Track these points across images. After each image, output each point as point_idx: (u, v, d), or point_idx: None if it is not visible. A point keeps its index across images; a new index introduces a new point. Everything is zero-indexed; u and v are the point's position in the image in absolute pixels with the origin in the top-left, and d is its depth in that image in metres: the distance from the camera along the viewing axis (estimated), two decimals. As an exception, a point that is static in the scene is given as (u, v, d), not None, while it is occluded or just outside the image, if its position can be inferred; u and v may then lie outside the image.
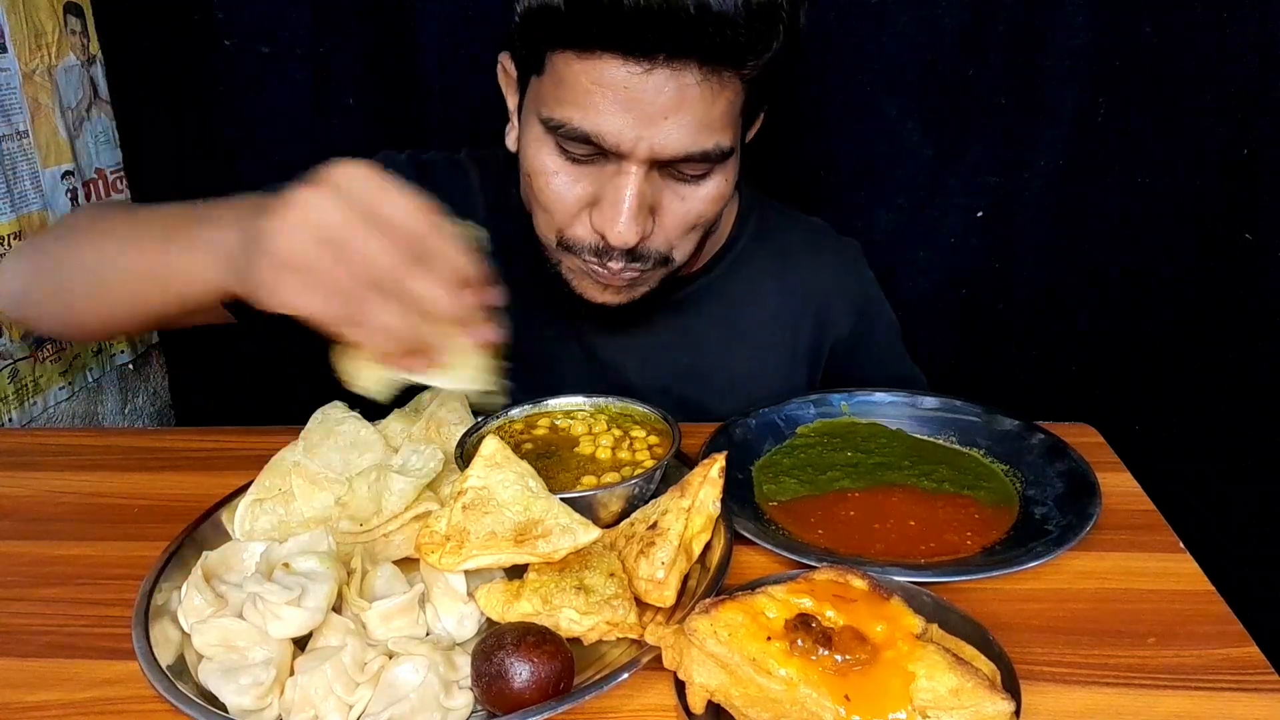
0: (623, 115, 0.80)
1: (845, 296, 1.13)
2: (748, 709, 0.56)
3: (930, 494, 0.83)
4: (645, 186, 0.85)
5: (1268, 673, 0.63)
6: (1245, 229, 1.33)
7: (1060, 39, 1.29)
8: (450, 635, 0.66)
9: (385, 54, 1.38)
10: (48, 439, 1.05)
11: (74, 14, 1.32)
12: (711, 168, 0.87)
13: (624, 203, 0.84)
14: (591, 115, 0.81)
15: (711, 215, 0.92)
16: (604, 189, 0.86)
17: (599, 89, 0.80)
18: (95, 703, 0.62)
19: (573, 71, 0.81)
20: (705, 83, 0.80)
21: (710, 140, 0.83)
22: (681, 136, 0.82)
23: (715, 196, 0.90)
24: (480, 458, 0.71)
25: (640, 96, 0.79)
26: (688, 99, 0.80)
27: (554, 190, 0.88)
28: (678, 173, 0.86)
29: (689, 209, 0.89)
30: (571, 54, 0.80)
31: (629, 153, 0.82)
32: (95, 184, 1.38)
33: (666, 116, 0.80)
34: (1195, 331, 1.40)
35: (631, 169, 0.83)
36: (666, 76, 0.79)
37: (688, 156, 0.84)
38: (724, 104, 0.83)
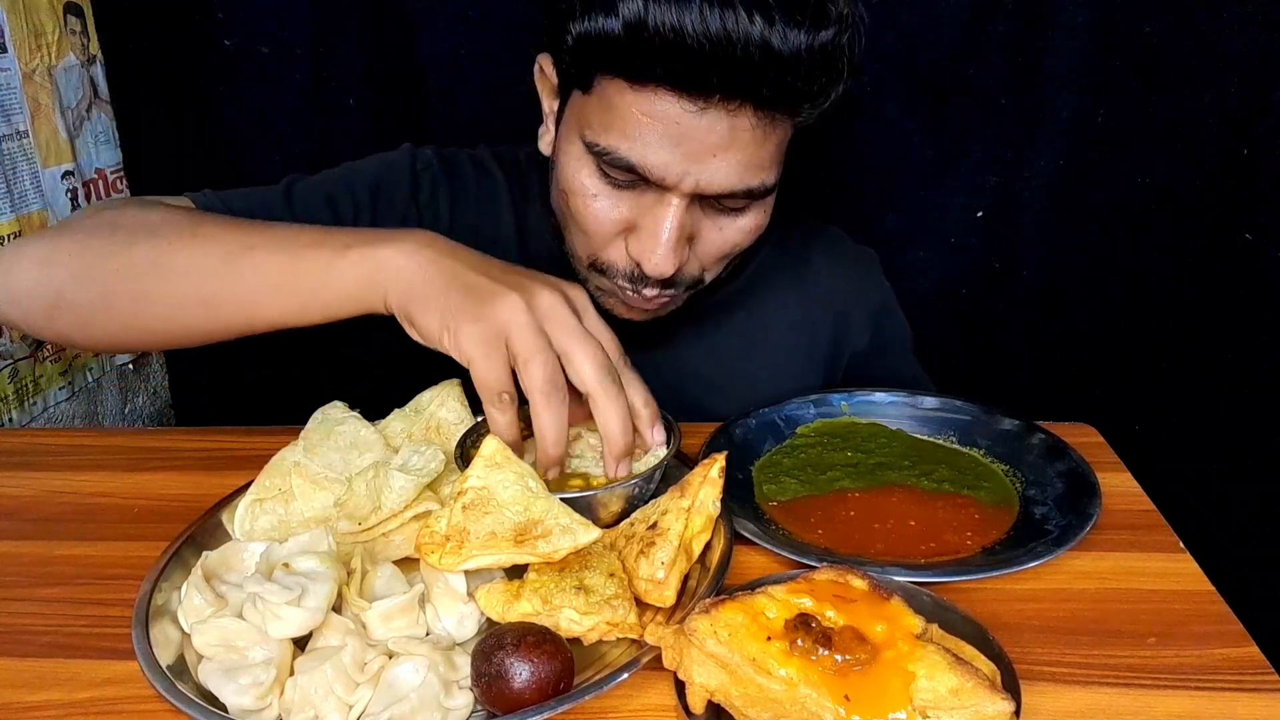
0: (671, 150, 0.79)
1: (863, 308, 1.13)
2: (748, 709, 0.56)
3: (930, 494, 0.83)
4: (686, 218, 0.83)
5: (1268, 673, 0.63)
6: (1245, 229, 1.33)
7: (1060, 39, 1.29)
8: (450, 635, 0.66)
9: (385, 54, 1.38)
10: (48, 439, 1.05)
11: (74, 14, 1.32)
12: (752, 202, 0.87)
13: (664, 234, 0.83)
14: (639, 147, 0.80)
15: (746, 245, 0.91)
16: (644, 217, 0.84)
17: (650, 121, 0.78)
18: (95, 703, 0.62)
19: (624, 101, 0.79)
20: (759, 125, 0.79)
21: (756, 179, 0.83)
22: (729, 174, 0.80)
23: (753, 228, 0.89)
24: (480, 458, 0.71)
25: (691, 133, 0.78)
26: (739, 139, 0.79)
27: (592, 213, 0.86)
28: (718, 204, 0.85)
29: (726, 239, 0.88)
30: (624, 82, 0.78)
31: (674, 186, 0.81)
32: (95, 184, 1.38)
33: (715, 155, 0.79)
34: (1195, 331, 1.40)
35: (674, 200, 0.82)
36: (720, 116, 0.77)
37: (732, 194, 0.83)
38: (774, 145, 0.82)
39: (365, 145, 1.40)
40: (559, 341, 0.72)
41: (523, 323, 0.72)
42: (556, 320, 0.73)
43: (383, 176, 1.03)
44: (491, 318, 0.72)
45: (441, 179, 1.05)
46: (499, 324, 0.72)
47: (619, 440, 0.74)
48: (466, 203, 1.05)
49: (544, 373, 0.71)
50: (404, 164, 1.05)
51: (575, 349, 0.72)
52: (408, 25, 1.36)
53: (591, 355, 0.72)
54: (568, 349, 0.72)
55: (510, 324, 0.71)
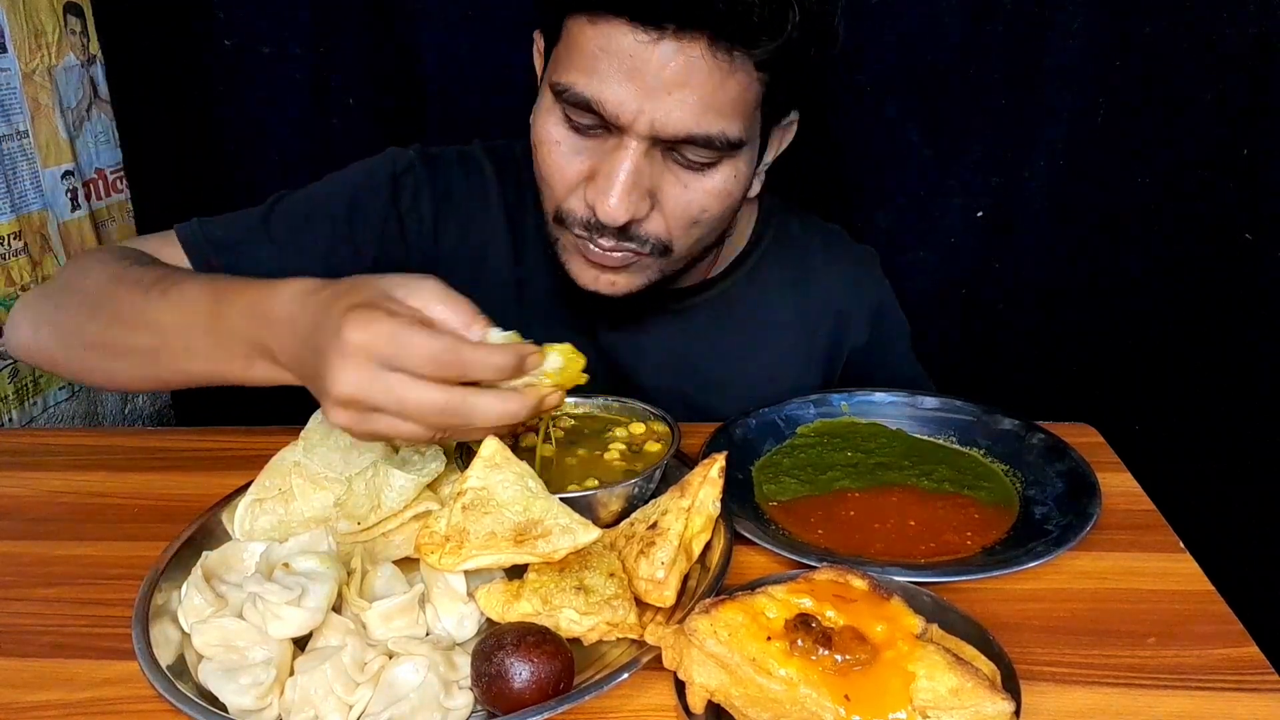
0: (626, 84, 0.79)
1: (862, 306, 1.12)
2: (748, 709, 0.56)
3: (930, 494, 0.83)
4: (644, 164, 0.83)
5: (1268, 673, 0.63)
6: (1245, 229, 1.33)
7: (1060, 39, 1.29)
8: (450, 635, 0.66)
9: (385, 54, 1.38)
10: (48, 439, 1.05)
11: (74, 14, 1.32)
12: (719, 158, 0.85)
13: (617, 175, 0.82)
14: (595, 81, 0.80)
15: (716, 212, 0.89)
16: (602, 163, 0.84)
17: (605, 55, 0.79)
18: (95, 703, 0.62)
19: (585, 37, 0.80)
20: (715, 61, 0.78)
21: (716, 124, 0.81)
22: (684, 115, 0.80)
23: (721, 192, 0.87)
24: (480, 458, 0.71)
25: (646, 66, 0.78)
26: (694, 75, 0.79)
27: (554, 160, 0.87)
28: (682, 158, 0.84)
29: (691, 199, 0.87)
30: (584, 19, 0.80)
31: (629, 124, 0.81)
32: (95, 184, 1.38)
33: (670, 91, 0.79)
34: (1195, 331, 1.40)
35: (631, 143, 0.82)
36: (674, 48, 0.77)
37: (690, 137, 0.81)
38: (734, 88, 0.81)
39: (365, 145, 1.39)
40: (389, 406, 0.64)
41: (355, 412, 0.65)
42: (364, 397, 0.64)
43: (361, 189, 1.03)
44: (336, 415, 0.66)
45: (424, 180, 1.04)
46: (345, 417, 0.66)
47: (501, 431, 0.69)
48: (452, 201, 1.05)
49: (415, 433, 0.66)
50: (384, 171, 1.04)
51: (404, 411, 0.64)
52: (408, 25, 1.36)
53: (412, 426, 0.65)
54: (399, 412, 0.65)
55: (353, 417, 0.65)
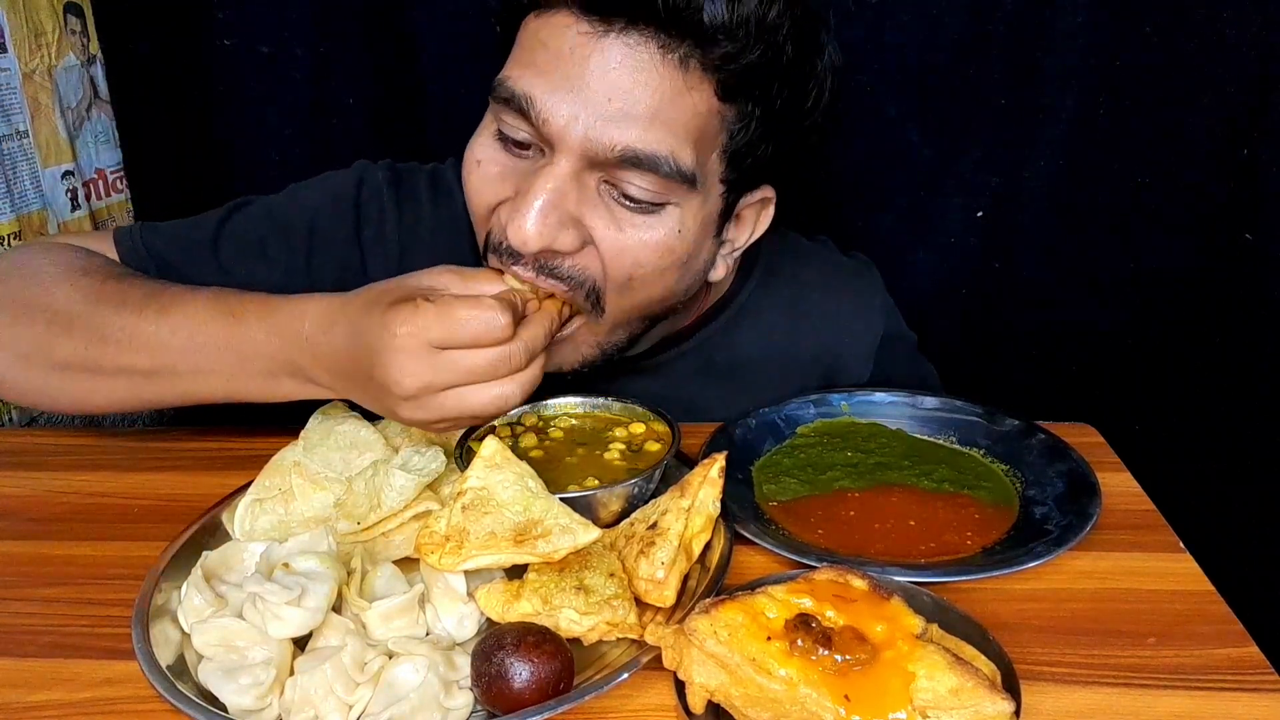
0: (562, 82, 0.71)
1: (862, 342, 1.05)
2: (748, 709, 0.56)
3: (930, 494, 0.83)
4: (570, 187, 0.74)
5: (1268, 673, 0.63)
6: (1245, 229, 1.33)
7: (1060, 39, 1.29)
8: (450, 635, 0.66)
9: (385, 54, 1.38)
10: (48, 439, 1.05)
11: (74, 14, 1.32)
12: (664, 199, 0.76)
13: (535, 194, 0.73)
14: (530, 75, 0.73)
15: (651, 268, 0.78)
16: (523, 183, 0.76)
17: (544, 48, 0.72)
18: (95, 703, 0.62)
19: (529, 31, 0.75)
20: (667, 68, 0.71)
21: (664, 144, 0.72)
22: (626, 127, 0.71)
23: (660, 246, 0.77)
24: (480, 459, 0.71)
25: (586, 65, 0.71)
26: (642, 80, 0.71)
27: (473, 182, 0.80)
28: (619, 194, 0.75)
29: (625, 244, 0.77)
30: (533, 15, 0.75)
31: (560, 133, 0.72)
32: (95, 184, 1.38)
33: (611, 99, 0.71)
34: (1195, 331, 1.40)
35: (560, 161, 0.73)
36: (622, 46, 0.70)
37: (631, 155, 0.72)
38: (689, 109, 0.73)
39: (365, 145, 1.40)
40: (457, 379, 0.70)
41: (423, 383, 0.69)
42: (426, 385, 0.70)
43: (323, 213, 0.97)
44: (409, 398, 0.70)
45: (390, 207, 0.98)
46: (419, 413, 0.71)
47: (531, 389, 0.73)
48: (419, 227, 0.98)
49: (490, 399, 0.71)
50: (349, 194, 0.98)
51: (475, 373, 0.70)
52: (407, 25, 1.36)
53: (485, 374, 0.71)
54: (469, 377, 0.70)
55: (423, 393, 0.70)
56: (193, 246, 0.94)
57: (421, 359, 0.68)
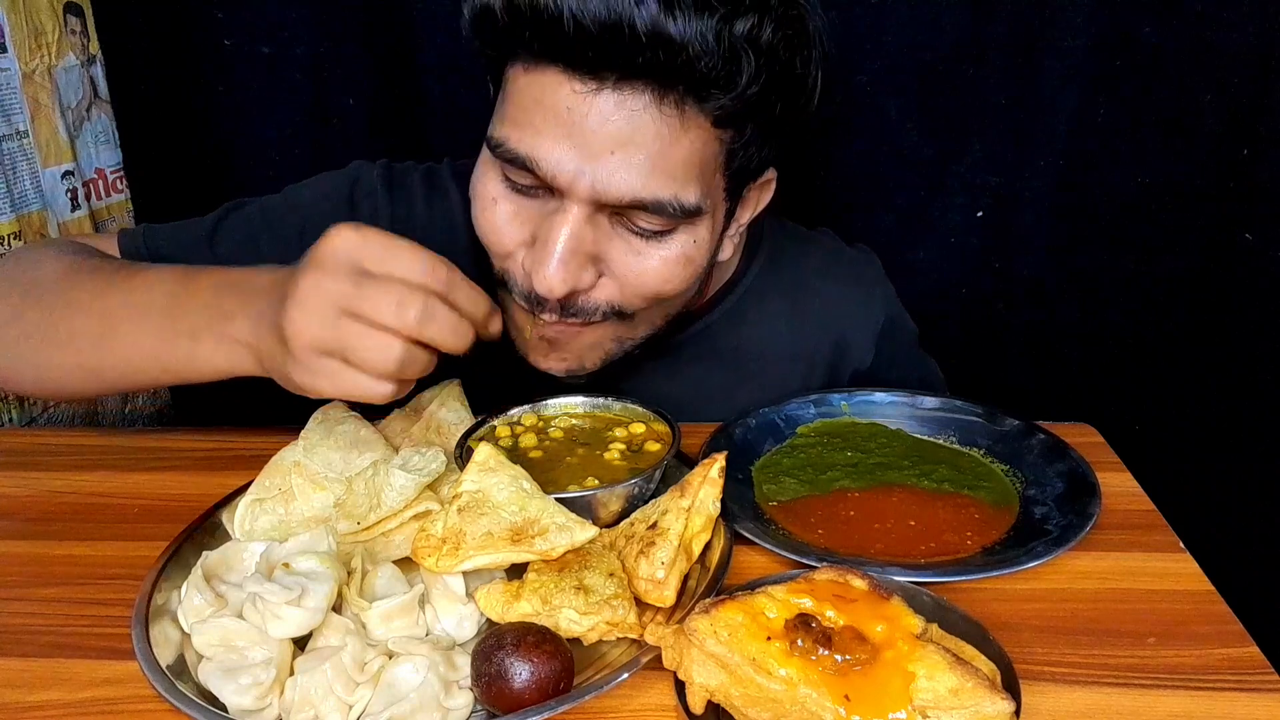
0: (563, 141, 0.71)
1: (866, 329, 1.06)
2: (748, 709, 0.56)
3: (930, 494, 0.83)
4: (586, 230, 0.75)
5: (1268, 673, 0.63)
6: (1245, 229, 1.33)
7: (1060, 39, 1.29)
8: (450, 636, 0.66)
9: (385, 54, 1.38)
10: (48, 439, 1.05)
11: (74, 14, 1.32)
12: (675, 225, 0.77)
13: (555, 244, 0.74)
14: (529, 136, 0.73)
15: (678, 284, 0.80)
16: (540, 228, 0.77)
17: (539, 108, 0.72)
18: (95, 703, 0.62)
19: (519, 86, 0.74)
20: (662, 115, 0.71)
21: (667, 189, 0.73)
22: (630, 177, 0.72)
23: (680, 260, 0.79)
24: (474, 463, 0.71)
25: (585, 122, 0.70)
26: (640, 132, 0.71)
27: (490, 221, 0.80)
28: (631, 224, 0.76)
29: (645, 268, 0.78)
30: (520, 67, 0.73)
31: (567, 187, 0.73)
32: (95, 184, 1.38)
33: (613, 151, 0.71)
34: (1195, 331, 1.41)
35: (572, 208, 0.74)
36: (615, 101, 0.70)
37: (638, 203, 0.73)
38: (687, 148, 0.73)
39: (365, 145, 1.40)
40: (350, 314, 0.64)
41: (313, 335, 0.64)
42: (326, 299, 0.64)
43: (315, 210, 0.97)
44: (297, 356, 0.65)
45: (383, 204, 0.98)
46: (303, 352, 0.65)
47: (459, 348, 0.68)
48: (413, 227, 0.97)
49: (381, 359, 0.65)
50: (343, 192, 0.98)
51: (363, 312, 0.64)
52: (407, 25, 1.36)
53: (376, 308, 0.64)
54: (360, 316, 0.64)
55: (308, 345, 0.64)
56: (190, 243, 0.95)
57: (324, 272, 0.65)
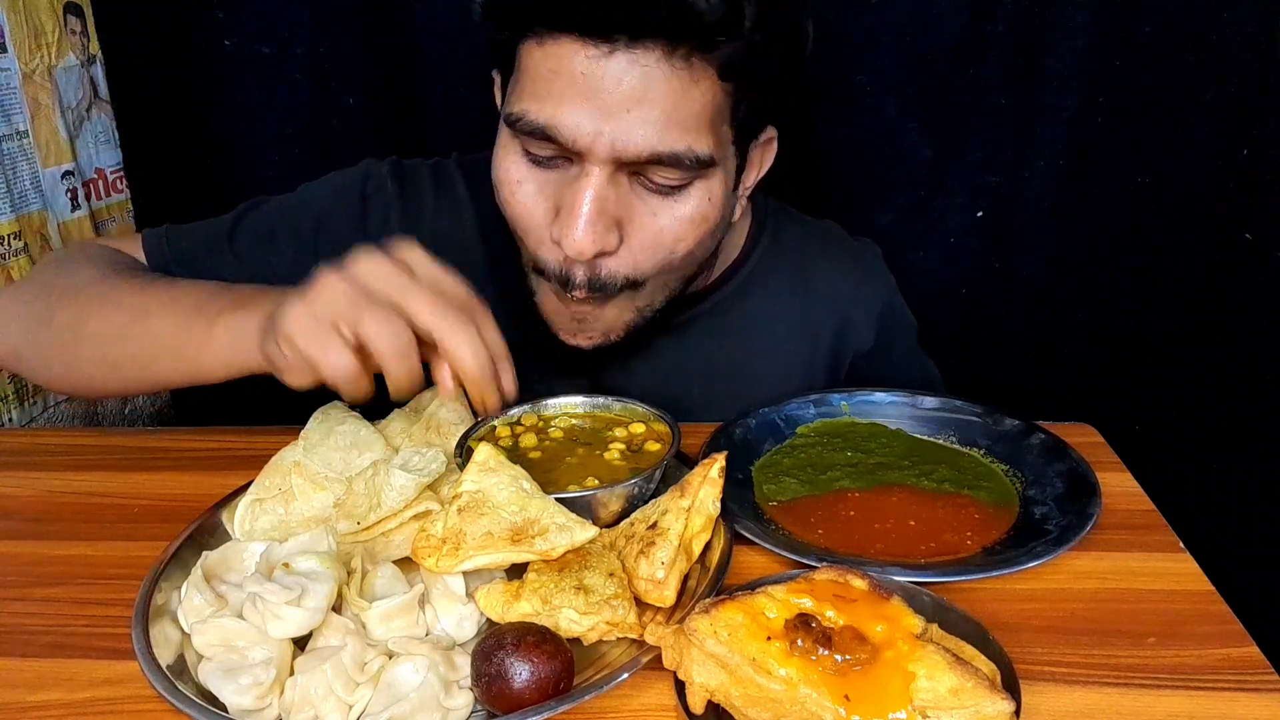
0: (581, 105, 0.75)
1: (866, 310, 1.09)
2: (748, 709, 0.56)
3: (930, 494, 0.83)
4: (609, 191, 0.78)
5: (1268, 673, 0.63)
6: (1245, 229, 1.33)
7: (1060, 39, 1.29)
8: (450, 636, 0.66)
9: (385, 54, 1.38)
10: (48, 439, 1.05)
11: (74, 14, 1.32)
12: (690, 180, 0.80)
13: (582, 205, 0.77)
14: (549, 106, 0.76)
15: (692, 242, 0.84)
16: (564, 195, 0.80)
17: (556, 77, 0.75)
18: (95, 703, 0.62)
19: (534, 60, 0.77)
20: (673, 70, 0.74)
21: (682, 141, 0.76)
22: (647, 132, 0.75)
23: (695, 218, 0.82)
24: (474, 463, 0.71)
25: (600, 84, 0.74)
26: (653, 88, 0.74)
27: (519, 202, 0.83)
28: (649, 181, 0.80)
29: (662, 227, 0.82)
30: (533, 42, 0.77)
31: (588, 149, 0.76)
32: (95, 184, 1.38)
33: (629, 109, 0.74)
34: (1195, 331, 1.41)
35: (593, 170, 0.77)
36: (628, 61, 0.73)
37: (655, 157, 0.77)
38: (698, 100, 0.76)
39: (365, 145, 1.40)
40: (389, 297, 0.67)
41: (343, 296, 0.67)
42: (380, 277, 0.68)
43: (328, 207, 1.01)
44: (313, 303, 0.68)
45: (394, 198, 1.01)
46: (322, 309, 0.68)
47: (473, 367, 0.69)
48: (422, 220, 1.01)
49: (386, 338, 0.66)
50: (355, 188, 1.02)
51: (406, 298, 0.67)
52: (407, 25, 1.36)
53: (424, 298, 0.67)
54: (398, 300, 0.67)
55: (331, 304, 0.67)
56: (211, 241, 0.99)
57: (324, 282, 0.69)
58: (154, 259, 0.98)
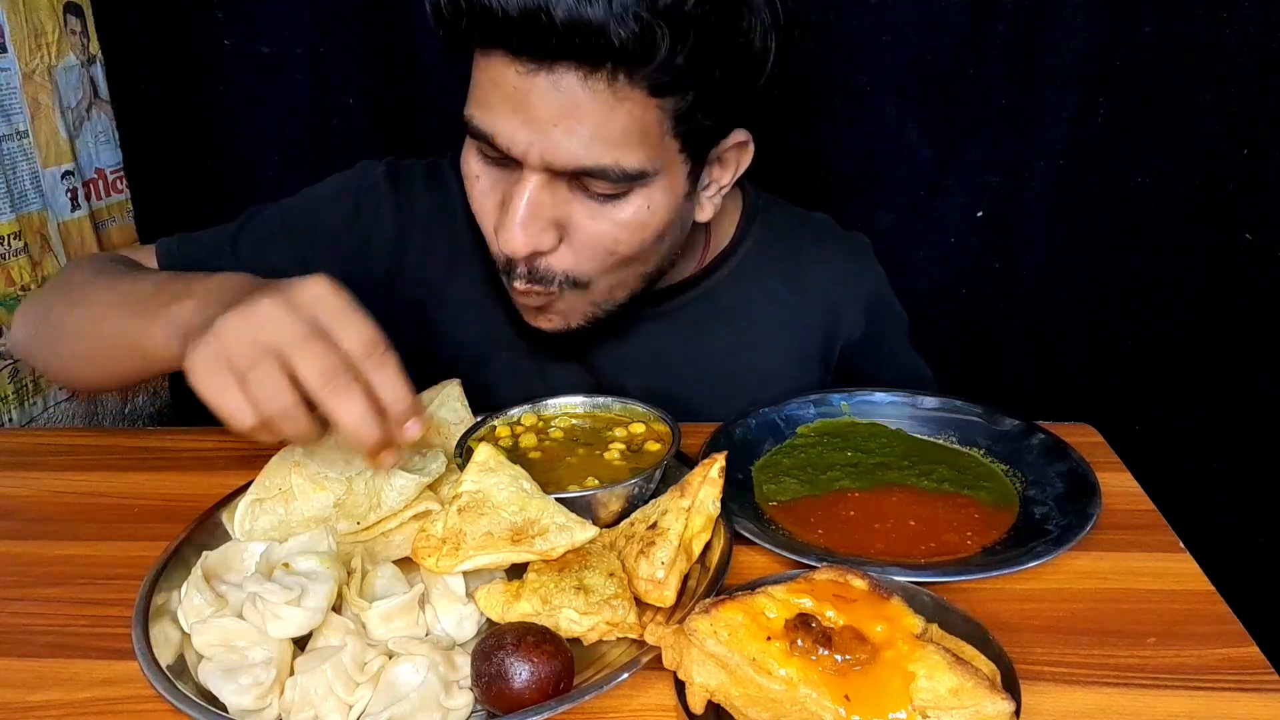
0: (514, 117, 0.78)
1: (856, 299, 1.10)
2: (748, 709, 0.56)
3: (930, 494, 0.83)
4: (544, 195, 0.82)
5: (1268, 673, 0.63)
6: (1245, 229, 1.33)
7: (1060, 39, 1.29)
8: (450, 636, 0.66)
9: (385, 54, 1.38)
10: (48, 439, 1.05)
11: (74, 14, 1.32)
12: (628, 189, 0.82)
13: (516, 206, 0.81)
14: (488, 115, 0.80)
15: (633, 245, 0.86)
16: (509, 193, 0.83)
17: (495, 88, 0.79)
18: (95, 703, 0.62)
19: (479, 69, 0.81)
20: (592, 92, 0.76)
21: (608, 155, 0.78)
22: (573, 147, 0.78)
23: (633, 224, 0.84)
24: (474, 463, 0.71)
25: (528, 99, 0.77)
26: (577, 107, 0.76)
27: (476, 196, 0.87)
28: (586, 190, 0.82)
29: (602, 231, 0.84)
30: (479, 52, 0.80)
31: (522, 157, 0.80)
32: (95, 184, 1.38)
33: (555, 124, 0.77)
34: (1195, 331, 1.40)
35: (529, 176, 0.81)
36: (551, 81, 0.76)
37: (583, 170, 0.79)
38: (624, 118, 0.77)
39: (365, 145, 1.40)
40: (277, 351, 0.64)
41: (237, 348, 0.65)
42: (273, 329, 0.65)
43: (325, 209, 1.04)
44: (208, 349, 0.65)
45: (387, 197, 1.04)
46: (216, 355, 0.65)
47: (356, 437, 0.66)
48: (415, 219, 1.05)
49: (262, 398, 0.64)
50: (349, 188, 1.05)
51: (292, 356, 0.64)
52: (407, 25, 1.36)
53: (310, 365, 0.64)
54: (285, 358, 0.64)
55: (228, 351, 0.65)
56: (215, 246, 1.02)
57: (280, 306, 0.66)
58: (163, 264, 1.01)
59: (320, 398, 0.64)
